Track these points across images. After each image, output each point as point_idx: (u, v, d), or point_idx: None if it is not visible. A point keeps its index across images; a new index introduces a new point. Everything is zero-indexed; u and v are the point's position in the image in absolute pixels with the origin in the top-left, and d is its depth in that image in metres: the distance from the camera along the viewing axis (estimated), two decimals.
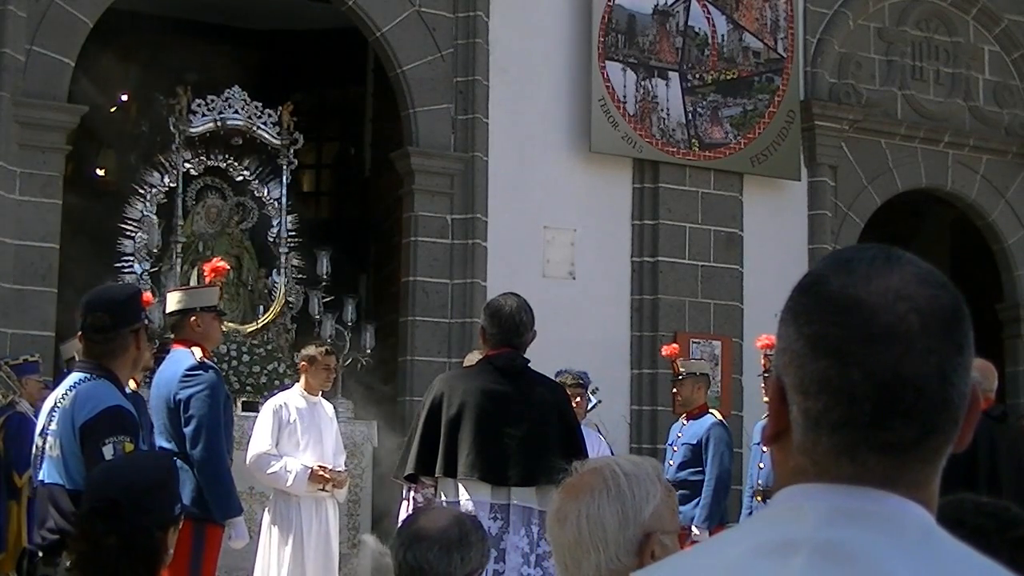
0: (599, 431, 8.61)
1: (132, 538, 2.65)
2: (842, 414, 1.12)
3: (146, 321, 4.54)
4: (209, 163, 10.62)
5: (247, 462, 7.17)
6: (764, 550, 1.12)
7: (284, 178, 10.67)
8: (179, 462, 5.90)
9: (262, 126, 10.43)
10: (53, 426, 4.23)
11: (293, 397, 7.38)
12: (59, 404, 4.25)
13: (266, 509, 7.38)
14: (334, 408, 9.97)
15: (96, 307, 4.30)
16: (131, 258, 10.17)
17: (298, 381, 7.65)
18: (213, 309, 6.32)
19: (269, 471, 7.12)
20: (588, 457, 5.27)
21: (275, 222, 10.70)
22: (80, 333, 4.34)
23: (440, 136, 10.72)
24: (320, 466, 7.20)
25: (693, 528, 8.03)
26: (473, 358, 6.78)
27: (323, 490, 7.22)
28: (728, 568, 1.12)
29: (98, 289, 4.55)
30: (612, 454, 8.34)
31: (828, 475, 1.14)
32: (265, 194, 10.79)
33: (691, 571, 1.17)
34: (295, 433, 7.24)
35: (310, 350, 7.57)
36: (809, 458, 1.15)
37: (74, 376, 4.34)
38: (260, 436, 7.19)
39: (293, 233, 10.69)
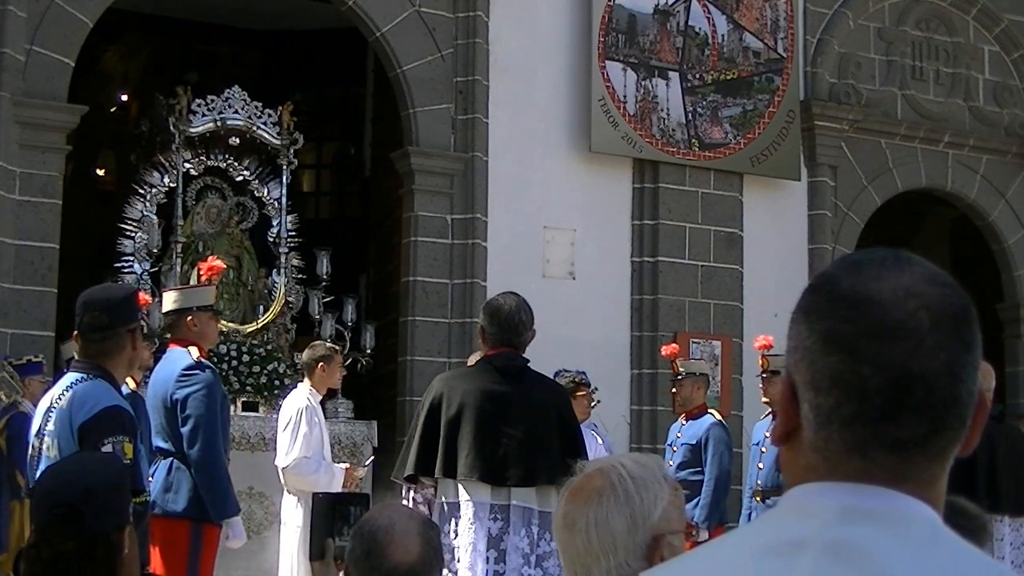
0: (599, 430, 8.60)
1: (91, 543, 2.64)
2: (853, 409, 1.13)
3: (142, 321, 4.54)
4: (209, 163, 10.63)
5: (286, 466, 7.07)
6: (773, 549, 1.12)
7: (284, 178, 10.68)
8: (176, 462, 5.91)
9: (262, 126, 10.43)
10: (50, 426, 4.22)
11: (312, 398, 7.33)
12: (55, 404, 4.24)
13: (299, 507, 7.21)
14: (335, 408, 10.04)
15: (93, 306, 4.29)
16: (131, 258, 10.17)
17: (301, 381, 7.59)
18: (209, 308, 6.29)
19: (311, 475, 7.07)
20: (588, 458, 5.29)
21: (275, 222, 10.70)
22: (76, 332, 4.33)
23: (440, 136, 10.72)
24: (349, 466, 7.22)
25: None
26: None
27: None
28: (737, 567, 1.13)
29: (95, 288, 4.54)
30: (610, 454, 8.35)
31: (839, 472, 1.15)
32: (265, 194, 10.79)
33: (700, 570, 1.18)
34: (321, 434, 7.25)
35: (322, 349, 7.50)
36: (820, 455, 1.16)
37: (70, 376, 4.32)
38: (301, 440, 7.08)
39: (293, 233, 10.69)
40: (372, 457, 8.11)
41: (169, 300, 6.37)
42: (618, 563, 2.08)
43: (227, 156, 10.65)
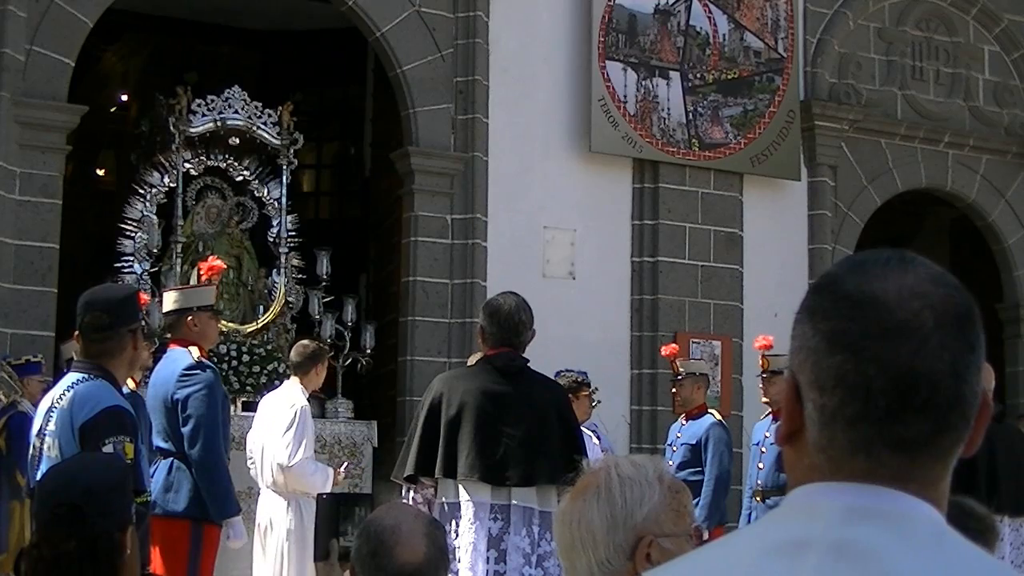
0: (596, 432, 8.59)
1: (93, 542, 2.64)
2: (857, 409, 1.14)
3: (142, 321, 4.54)
4: (209, 163, 10.62)
5: (290, 466, 7.02)
6: (777, 549, 1.12)
7: (284, 178, 10.67)
8: (177, 462, 5.91)
9: (262, 126, 10.42)
10: (51, 427, 4.22)
11: (305, 397, 7.30)
12: (56, 404, 4.24)
13: (288, 512, 7.20)
14: (335, 408, 10.03)
15: (94, 306, 4.29)
16: (131, 258, 10.16)
17: (288, 379, 7.54)
18: (210, 308, 6.29)
19: (311, 476, 7.05)
20: (587, 457, 5.29)
21: (275, 222, 10.69)
22: (77, 332, 4.33)
23: (440, 136, 10.72)
24: (337, 468, 7.22)
25: None
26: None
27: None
28: (740, 567, 1.13)
29: (96, 288, 4.55)
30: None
31: (843, 472, 1.15)
32: (265, 194, 10.79)
33: (703, 570, 1.18)
34: (314, 434, 7.26)
35: (314, 347, 7.47)
36: (824, 455, 1.16)
37: (71, 376, 4.32)
38: (306, 440, 7.06)
39: (293, 233, 10.68)
40: (347, 463, 8.07)
41: (169, 300, 6.37)
42: (599, 560, 2.10)
43: (227, 156, 10.64)
